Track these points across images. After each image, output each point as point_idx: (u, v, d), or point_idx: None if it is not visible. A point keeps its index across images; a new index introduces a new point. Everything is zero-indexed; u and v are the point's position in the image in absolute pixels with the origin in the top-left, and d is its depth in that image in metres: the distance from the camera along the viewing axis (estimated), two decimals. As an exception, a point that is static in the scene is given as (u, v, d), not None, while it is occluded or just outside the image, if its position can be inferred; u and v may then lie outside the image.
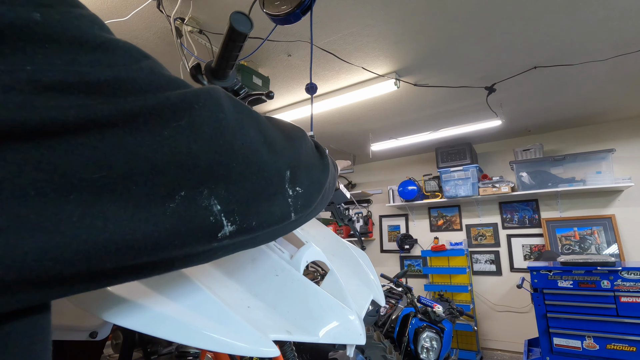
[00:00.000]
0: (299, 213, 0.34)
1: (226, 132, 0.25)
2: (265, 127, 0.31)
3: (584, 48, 2.10)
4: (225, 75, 0.65)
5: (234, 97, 0.29)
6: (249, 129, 0.28)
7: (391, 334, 2.51)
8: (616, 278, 2.35)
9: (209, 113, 0.25)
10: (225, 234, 0.25)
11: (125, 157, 0.20)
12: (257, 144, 0.28)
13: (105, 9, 1.69)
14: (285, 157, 0.32)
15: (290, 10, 0.95)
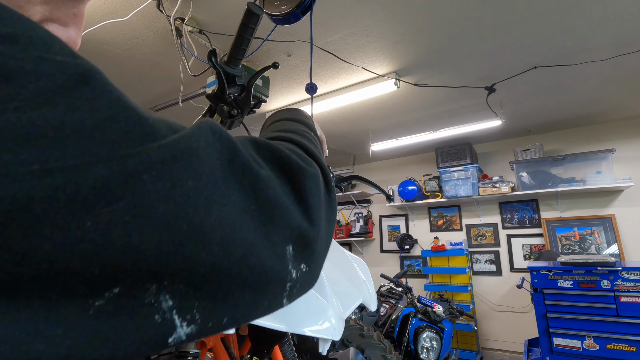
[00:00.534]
0: (295, 297, 0.27)
1: (191, 207, 0.19)
2: (261, 181, 0.24)
3: (584, 48, 2.10)
4: (237, 63, 0.66)
5: (225, 139, 0.23)
6: (231, 195, 0.22)
7: (391, 334, 2.51)
8: (616, 278, 2.35)
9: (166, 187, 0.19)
10: (179, 338, 0.19)
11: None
12: (241, 217, 0.22)
13: (105, 9, 1.69)
14: (287, 227, 0.25)
15: (290, 10, 0.95)
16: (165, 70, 2.28)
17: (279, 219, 0.25)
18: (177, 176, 0.19)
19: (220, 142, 0.23)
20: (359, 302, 0.78)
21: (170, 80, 2.41)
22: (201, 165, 0.20)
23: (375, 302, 0.82)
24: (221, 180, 0.21)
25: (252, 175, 0.24)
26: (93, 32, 1.83)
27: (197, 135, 0.21)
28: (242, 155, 0.24)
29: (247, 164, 0.24)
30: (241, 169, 0.23)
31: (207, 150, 0.21)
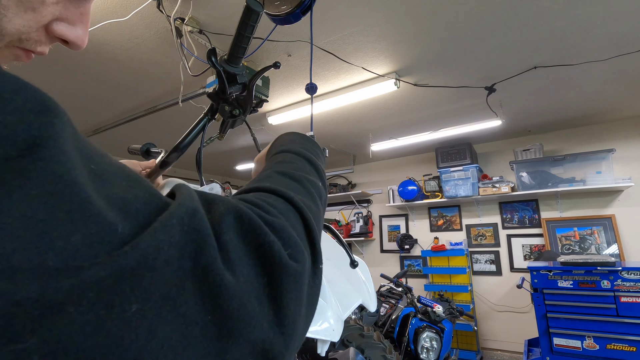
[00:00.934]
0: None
1: (129, 338, 0.16)
2: (224, 289, 0.20)
3: (584, 48, 2.10)
4: (238, 62, 0.66)
5: (194, 231, 0.20)
6: (183, 306, 0.19)
7: (391, 334, 2.51)
8: (616, 278, 2.35)
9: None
10: None
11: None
12: (191, 333, 0.18)
13: (105, 9, 1.69)
14: (248, 342, 0.21)
15: (290, 10, 0.95)
16: (165, 70, 2.28)
17: (239, 333, 0.20)
18: (117, 302, 0.15)
19: (187, 236, 0.20)
20: (358, 302, 0.77)
21: (170, 80, 2.41)
22: (153, 281, 0.17)
23: (374, 303, 0.82)
24: (175, 289, 0.18)
25: (215, 280, 0.20)
26: (93, 32, 1.83)
27: (161, 235, 0.18)
28: (208, 255, 0.20)
29: (212, 266, 0.20)
30: (203, 272, 0.20)
31: (166, 256, 0.18)
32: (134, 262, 0.17)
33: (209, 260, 0.20)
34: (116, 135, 3.46)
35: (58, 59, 2.10)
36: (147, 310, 0.16)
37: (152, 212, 0.20)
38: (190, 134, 0.70)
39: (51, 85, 2.43)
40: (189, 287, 0.19)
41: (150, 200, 0.20)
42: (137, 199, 0.20)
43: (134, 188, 0.20)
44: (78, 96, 2.63)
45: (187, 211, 0.20)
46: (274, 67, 0.67)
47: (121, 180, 0.20)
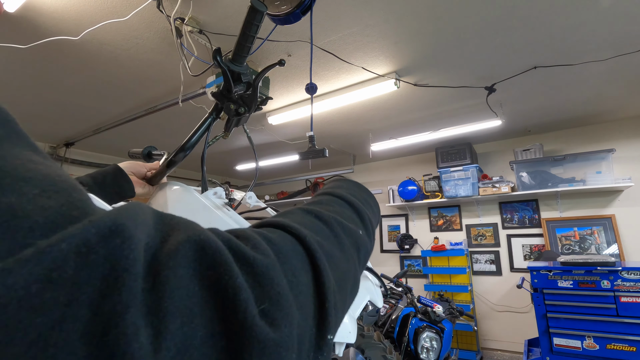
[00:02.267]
0: None
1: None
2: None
3: (584, 48, 2.10)
4: (242, 61, 0.67)
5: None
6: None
7: (391, 334, 2.51)
8: (616, 278, 2.35)
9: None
10: None
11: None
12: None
13: (105, 9, 1.69)
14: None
15: (290, 10, 0.95)
16: (165, 70, 2.28)
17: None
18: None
19: (87, 270, 0.14)
20: (366, 299, 0.78)
21: (170, 80, 2.41)
22: (30, 324, 0.12)
23: (380, 298, 0.83)
24: (51, 351, 0.12)
25: (120, 342, 0.13)
26: (93, 32, 1.83)
27: (26, 268, 0.12)
28: (121, 297, 0.14)
29: (121, 316, 0.14)
30: (103, 329, 0.13)
31: (43, 297, 0.12)
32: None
33: (116, 310, 0.13)
34: (116, 135, 3.46)
35: (58, 58, 2.10)
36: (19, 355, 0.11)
37: (55, 230, 0.14)
38: (196, 134, 0.70)
39: (51, 85, 2.43)
40: (79, 351, 0.12)
41: (62, 214, 0.15)
42: (44, 210, 0.14)
43: (49, 198, 0.15)
44: (78, 96, 2.63)
45: (99, 232, 0.14)
46: (279, 65, 0.67)
47: (32, 188, 0.15)
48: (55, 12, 1.71)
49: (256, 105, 0.71)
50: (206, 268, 0.17)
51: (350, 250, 0.29)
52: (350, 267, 0.29)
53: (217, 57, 0.63)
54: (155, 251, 0.16)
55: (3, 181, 0.14)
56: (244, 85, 0.69)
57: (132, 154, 0.87)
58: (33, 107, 2.81)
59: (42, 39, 1.83)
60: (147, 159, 0.84)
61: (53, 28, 1.81)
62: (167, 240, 0.17)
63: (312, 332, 0.21)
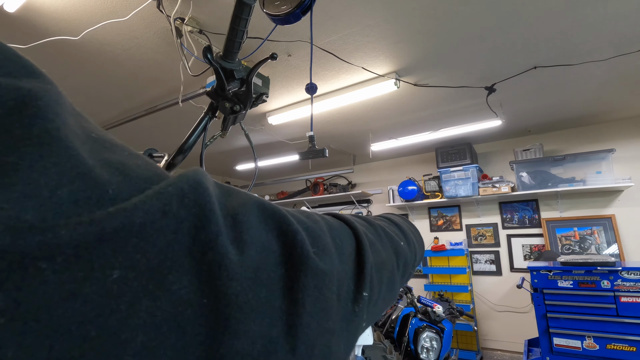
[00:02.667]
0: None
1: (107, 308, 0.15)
2: (225, 268, 0.18)
3: (584, 48, 2.10)
4: (234, 57, 0.65)
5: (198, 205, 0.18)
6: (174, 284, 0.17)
7: (391, 334, 2.51)
8: (616, 278, 2.35)
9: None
10: None
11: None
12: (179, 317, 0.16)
13: (105, 9, 1.69)
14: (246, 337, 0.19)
15: (290, 10, 0.95)
16: (165, 70, 2.28)
17: (236, 323, 0.18)
18: (97, 265, 0.14)
19: (187, 210, 0.18)
20: None
21: (170, 80, 2.41)
22: (140, 249, 0.16)
23: None
24: (167, 263, 0.16)
25: (215, 259, 0.18)
26: (93, 32, 1.83)
27: (154, 202, 0.17)
28: (210, 231, 0.18)
29: (213, 243, 0.18)
30: (202, 249, 0.18)
31: (158, 225, 0.16)
32: (118, 224, 0.15)
33: (210, 237, 0.18)
34: (116, 135, 3.42)
35: (58, 59, 2.10)
36: (131, 279, 0.15)
37: (154, 180, 0.18)
38: (193, 135, 0.70)
39: (51, 85, 2.43)
40: (185, 264, 0.17)
41: (153, 170, 0.19)
42: (139, 167, 0.18)
43: (137, 159, 0.19)
44: (78, 96, 2.63)
45: (189, 183, 0.18)
46: (271, 59, 0.66)
47: (123, 150, 0.19)
48: (55, 12, 1.71)
49: (251, 102, 0.70)
50: (269, 217, 0.22)
51: (390, 251, 0.33)
52: (388, 262, 0.33)
53: (208, 54, 0.62)
54: (225, 202, 0.21)
55: (105, 144, 0.18)
56: (238, 82, 0.68)
57: None
58: (33, 107, 2.81)
59: (42, 39, 1.83)
60: None
61: (53, 28, 1.81)
62: (232, 197, 0.22)
63: (351, 284, 0.26)
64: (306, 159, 1.02)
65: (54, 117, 0.16)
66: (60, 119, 0.16)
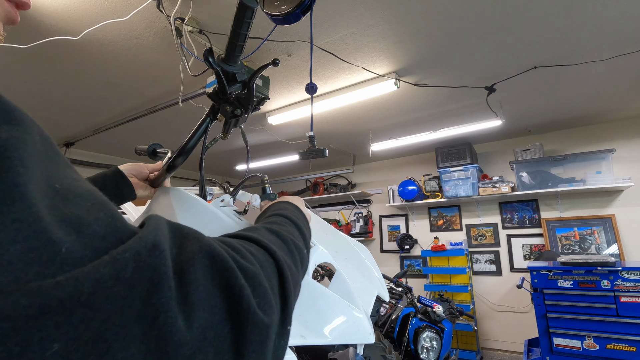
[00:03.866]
0: None
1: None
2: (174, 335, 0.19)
3: (584, 48, 2.10)
4: (236, 60, 0.65)
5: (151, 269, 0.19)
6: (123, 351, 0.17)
7: (391, 334, 2.51)
8: (616, 278, 2.35)
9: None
10: None
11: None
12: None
13: (105, 9, 1.69)
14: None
15: (290, 10, 0.95)
16: (165, 70, 2.28)
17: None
18: (36, 339, 0.14)
19: (141, 273, 0.18)
20: (375, 295, 0.79)
21: (170, 80, 2.41)
22: (86, 320, 0.15)
23: (386, 291, 0.84)
24: (115, 330, 0.16)
25: (166, 324, 0.18)
26: (93, 32, 1.83)
27: (107, 269, 0.17)
28: (162, 295, 0.18)
29: (164, 308, 0.18)
30: (153, 314, 0.18)
31: (109, 292, 0.16)
32: (64, 295, 0.15)
33: (161, 301, 0.18)
34: (116, 135, 3.46)
35: (58, 59, 2.10)
36: (71, 351, 0.14)
37: (110, 238, 0.18)
38: (194, 137, 0.69)
39: (51, 85, 2.43)
40: (133, 331, 0.17)
41: (112, 225, 0.19)
42: (98, 221, 0.18)
43: (98, 211, 0.19)
44: (78, 96, 2.63)
45: (146, 246, 0.19)
46: (273, 65, 0.66)
47: (86, 202, 0.19)
48: (55, 12, 1.71)
49: (253, 105, 0.70)
50: (217, 271, 0.23)
51: (298, 264, 0.38)
52: (299, 277, 0.37)
53: (209, 58, 0.61)
54: (175, 257, 0.21)
55: (68, 195, 0.18)
56: (240, 85, 0.67)
57: (138, 151, 0.87)
58: (33, 107, 2.81)
59: (42, 39, 1.83)
60: (152, 156, 0.83)
61: (53, 28, 1.81)
62: (183, 248, 0.22)
63: (279, 322, 0.28)
64: (306, 159, 1.02)
65: (23, 171, 0.16)
66: (29, 172, 0.17)
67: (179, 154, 0.69)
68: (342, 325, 0.57)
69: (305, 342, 0.49)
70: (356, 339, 0.58)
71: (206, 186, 0.77)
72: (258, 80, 0.72)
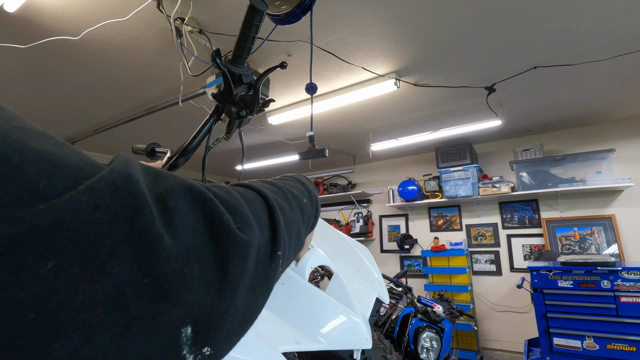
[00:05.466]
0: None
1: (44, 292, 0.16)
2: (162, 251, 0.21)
3: (584, 48, 2.10)
4: (243, 62, 0.65)
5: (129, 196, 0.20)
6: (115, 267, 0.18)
7: (391, 334, 2.51)
8: (616, 278, 2.35)
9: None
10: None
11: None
12: (122, 295, 0.18)
13: (105, 9, 1.69)
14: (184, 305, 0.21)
15: (290, 10, 0.95)
16: (165, 70, 2.28)
17: (177, 295, 0.20)
18: (30, 258, 0.15)
19: (121, 201, 0.19)
20: (374, 297, 0.78)
21: (170, 80, 2.41)
22: (74, 241, 0.17)
23: (386, 292, 0.83)
24: (105, 251, 0.18)
25: (153, 242, 0.20)
26: (93, 32, 1.83)
27: (85, 197, 0.17)
28: (145, 219, 0.20)
29: (149, 229, 0.20)
30: (140, 235, 0.19)
31: (92, 218, 0.17)
32: (48, 220, 0.16)
33: (145, 224, 0.20)
34: (116, 135, 3.46)
35: (58, 59, 2.10)
36: (66, 267, 0.16)
37: (86, 170, 0.19)
38: (197, 137, 0.69)
39: (51, 85, 2.43)
40: (124, 251, 0.18)
41: (83, 160, 0.19)
42: (68, 157, 0.19)
43: (63, 147, 0.19)
44: (78, 96, 2.63)
45: (120, 176, 0.20)
46: (281, 67, 0.66)
47: (48, 139, 0.19)
48: (55, 12, 1.71)
49: (258, 107, 0.70)
50: (196, 201, 0.24)
51: (296, 211, 0.39)
52: (295, 219, 0.38)
53: (217, 59, 0.61)
54: (152, 189, 0.22)
55: (29, 132, 0.18)
56: (245, 86, 0.67)
57: (136, 150, 0.87)
58: (33, 107, 2.81)
59: (42, 39, 1.83)
60: (151, 155, 0.83)
61: (53, 28, 1.81)
62: (159, 182, 0.23)
63: (268, 247, 0.30)
64: (306, 159, 1.02)
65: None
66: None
67: (182, 153, 0.69)
68: (338, 330, 0.55)
69: (299, 348, 0.49)
70: (353, 345, 0.57)
71: None
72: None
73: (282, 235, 0.32)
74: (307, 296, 0.56)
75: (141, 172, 0.23)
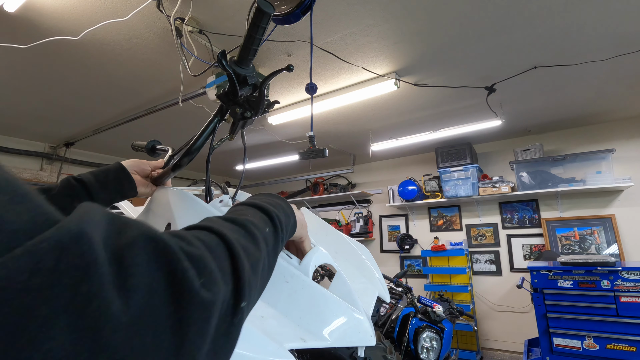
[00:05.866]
0: None
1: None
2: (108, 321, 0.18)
3: (584, 48, 2.10)
4: (248, 63, 0.65)
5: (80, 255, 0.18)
6: (50, 341, 0.17)
7: (391, 334, 2.51)
8: (616, 278, 2.35)
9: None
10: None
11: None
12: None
13: (105, 9, 1.69)
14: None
15: (290, 10, 0.95)
16: (165, 70, 2.28)
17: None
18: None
19: (65, 264, 0.17)
20: (376, 296, 0.78)
21: (170, 80, 2.41)
22: (2, 313, 0.15)
23: (387, 291, 0.83)
24: (37, 322, 0.16)
25: (99, 309, 0.18)
26: (93, 32, 1.83)
27: (21, 263, 0.16)
28: (94, 282, 0.18)
29: (97, 293, 0.18)
30: (84, 301, 0.18)
31: (26, 285, 0.16)
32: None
33: (92, 289, 0.18)
34: (116, 135, 3.46)
35: (58, 59, 2.10)
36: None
37: (29, 232, 0.18)
38: (202, 137, 0.69)
39: (51, 85, 2.43)
40: (62, 322, 0.16)
41: (32, 220, 0.18)
42: (17, 215, 0.18)
43: (18, 204, 0.18)
44: (78, 96, 2.63)
45: (69, 234, 0.18)
46: (287, 70, 0.66)
47: (4, 196, 0.18)
48: (55, 12, 1.71)
49: (263, 108, 0.70)
50: (159, 255, 0.23)
51: (261, 245, 0.37)
52: (261, 255, 0.37)
53: (223, 60, 0.61)
54: (113, 243, 0.21)
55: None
56: (250, 87, 0.68)
57: (136, 146, 0.86)
58: (33, 107, 2.81)
59: (42, 39, 1.83)
60: (151, 152, 0.82)
61: (53, 28, 1.81)
62: (122, 234, 0.22)
63: (231, 300, 0.28)
64: (306, 159, 1.02)
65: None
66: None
67: (186, 153, 0.69)
68: (342, 328, 0.56)
69: (305, 345, 0.49)
70: (357, 342, 0.58)
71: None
72: (258, 80, 0.72)
73: (246, 284, 0.30)
74: (311, 294, 0.56)
75: (103, 224, 0.21)
